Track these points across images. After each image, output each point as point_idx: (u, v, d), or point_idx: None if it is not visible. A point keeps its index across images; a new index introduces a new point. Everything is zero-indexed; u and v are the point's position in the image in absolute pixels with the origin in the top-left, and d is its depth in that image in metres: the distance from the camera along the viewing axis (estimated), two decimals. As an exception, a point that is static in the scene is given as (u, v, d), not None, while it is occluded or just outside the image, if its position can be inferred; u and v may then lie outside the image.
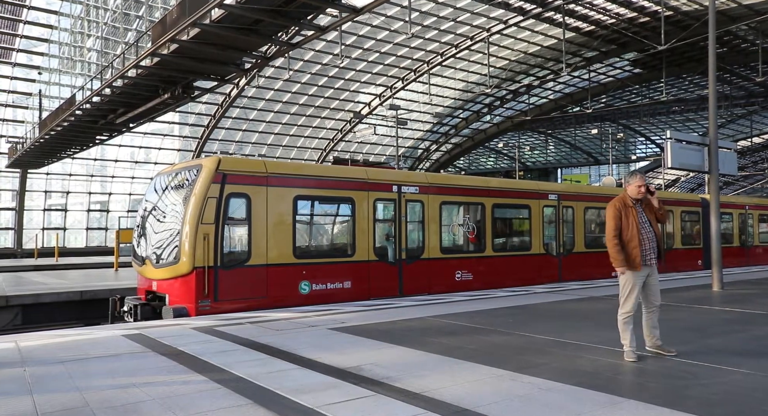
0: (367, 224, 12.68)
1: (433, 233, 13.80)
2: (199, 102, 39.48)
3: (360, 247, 12.54)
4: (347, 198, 12.55)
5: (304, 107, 44.49)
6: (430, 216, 13.75)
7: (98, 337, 8.06)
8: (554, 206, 16.74)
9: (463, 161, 71.21)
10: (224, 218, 10.73)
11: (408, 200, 13.44)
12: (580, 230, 17.40)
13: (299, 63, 37.40)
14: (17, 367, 6.21)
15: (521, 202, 16.06)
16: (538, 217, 16.18)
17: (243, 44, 17.01)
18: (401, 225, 13.22)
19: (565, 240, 16.96)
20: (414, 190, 13.56)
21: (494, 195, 15.37)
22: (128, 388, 5.32)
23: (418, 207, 13.66)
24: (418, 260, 13.45)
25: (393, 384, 5.36)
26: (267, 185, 11.37)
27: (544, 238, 16.35)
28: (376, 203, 12.94)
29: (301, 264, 11.67)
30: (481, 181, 17.36)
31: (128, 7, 26.39)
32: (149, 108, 23.03)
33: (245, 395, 5.04)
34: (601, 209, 18.60)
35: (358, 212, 12.59)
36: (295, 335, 8.02)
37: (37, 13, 27.71)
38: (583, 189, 18.63)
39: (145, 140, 42.83)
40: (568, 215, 17.12)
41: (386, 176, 13.45)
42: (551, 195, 16.73)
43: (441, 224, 14.00)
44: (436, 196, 13.95)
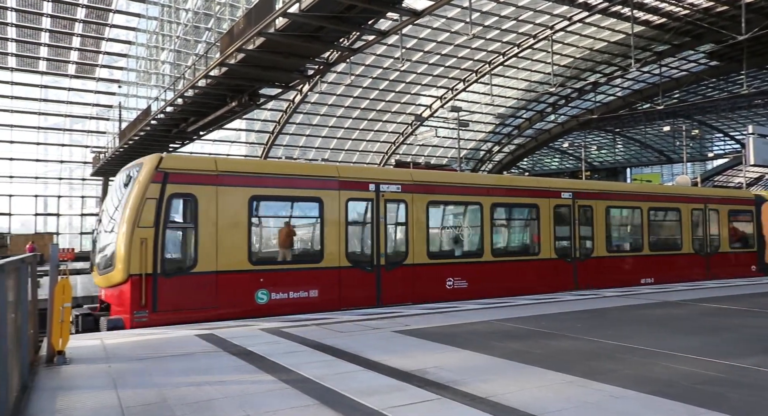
0: (338, 226, 11.62)
1: (419, 237, 12.59)
2: (265, 109, 40.62)
3: (329, 252, 11.47)
4: (314, 198, 11.54)
5: (366, 111, 44.93)
6: (415, 217, 12.59)
7: (173, 336, 8.43)
8: (568, 206, 15.13)
9: (527, 162, 69.79)
10: (165, 221, 9.91)
11: (388, 200, 12.29)
12: (601, 232, 15.68)
13: (360, 68, 37.83)
14: (103, 363, 6.60)
15: (527, 201, 14.56)
16: (547, 218, 14.64)
17: (306, 51, 17.41)
18: (380, 228, 12.06)
19: (581, 243, 15.29)
20: (395, 189, 12.39)
21: (494, 194, 13.92)
22: (202, 386, 5.54)
23: (401, 208, 12.52)
24: (400, 266, 12.28)
25: (458, 387, 5.31)
26: (217, 185, 10.46)
27: (554, 241, 14.77)
28: (349, 203, 11.84)
29: (259, 271, 10.66)
30: (477, 178, 16.01)
31: (198, 20, 27.55)
32: (218, 116, 23.95)
33: (312, 395, 5.14)
34: (628, 209, 16.82)
35: (327, 213, 11.55)
36: (359, 337, 8.09)
37: (118, 30, 29.44)
38: (604, 186, 16.94)
39: (214, 147, 44.54)
40: (585, 215, 15.47)
41: (361, 174, 12.39)
42: (564, 193, 15.11)
43: (428, 227, 12.79)
44: (422, 195, 12.75)
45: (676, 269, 17.29)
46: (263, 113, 42.90)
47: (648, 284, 16.20)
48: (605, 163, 71.62)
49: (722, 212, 18.83)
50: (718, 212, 18.72)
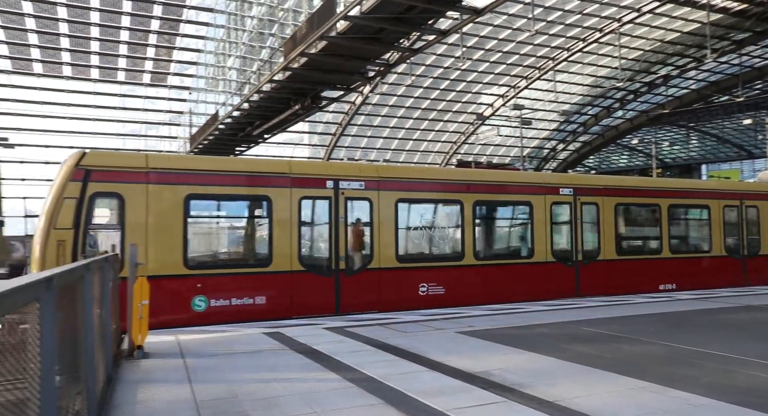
0: (290, 227, 10.68)
1: (387, 238, 11.53)
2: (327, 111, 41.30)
3: (279, 255, 10.52)
4: (261, 196, 10.72)
5: (427, 111, 44.83)
6: (381, 217, 11.53)
7: (242, 334, 8.71)
8: (569, 203, 13.72)
9: (593, 160, 67.54)
10: (87, 222, 9.20)
11: (349, 198, 11.31)
12: (609, 232, 14.11)
13: (421, 68, 37.78)
14: (178, 358, 6.92)
15: (517, 198, 13.27)
16: (543, 217, 13.29)
17: (366, 53, 17.58)
18: (339, 228, 11.13)
19: (585, 245, 13.78)
20: (357, 185, 11.39)
21: (477, 190, 12.63)
22: (270, 383, 5.70)
23: (364, 206, 11.51)
24: (363, 270, 11.28)
25: (524, 390, 5.22)
26: (148, 183, 9.71)
27: (551, 242, 13.34)
28: (303, 201, 10.90)
29: (196, 276, 9.82)
30: (457, 173, 14.38)
31: (263, 27, 28.35)
32: (282, 119, 24.57)
33: (376, 395, 5.18)
34: (643, 206, 15.23)
35: (277, 212, 10.65)
36: (423, 337, 8.09)
37: (188, 39, 30.78)
38: (612, 181, 15.28)
39: (278, 150, 45.69)
40: (589, 213, 13.98)
41: (318, 170, 11.50)
42: (564, 189, 13.65)
43: (398, 227, 11.69)
44: (390, 193, 11.69)
45: (704, 273, 15.47)
46: (325, 115, 43.62)
47: (668, 290, 14.47)
48: (678, 159, 68.28)
49: (764, 209, 16.68)
50: (758, 209, 16.58)
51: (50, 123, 32.36)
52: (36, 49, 27.83)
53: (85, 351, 4.04)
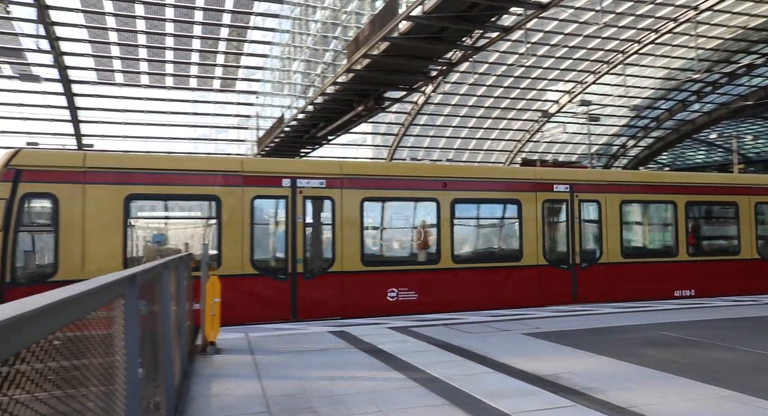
0: (241, 228, 10.19)
1: (351, 239, 10.84)
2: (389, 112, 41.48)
3: (229, 257, 10.04)
4: (209, 196, 10.19)
5: (490, 109, 44.21)
6: (344, 217, 10.87)
7: (309, 332, 8.90)
8: (565, 201, 12.61)
9: (667, 156, 64.46)
10: (17, 224, 8.87)
11: (308, 197, 10.71)
12: (613, 232, 12.89)
13: (484, 66, 37.29)
14: (248, 355, 7.16)
15: (502, 196, 12.29)
16: (533, 216, 12.27)
17: (429, 53, 17.53)
18: (296, 230, 10.53)
19: (583, 247, 12.65)
20: (318, 184, 10.75)
21: (455, 188, 11.76)
22: (337, 380, 5.80)
23: (326, 206, 10.91)
24: (324, 274, 10.67)
25: (595, 395, 5.06)
26: (85, 183, 9.31)
27: (544, 244, 12.28)
28: (256, 201, 10.42)
29: None
30: (431, 169, 13.31)
31: (326, 30, 28.83)
32: (345, 121, 24.89)
33: (442, 395, 5.17)
34: (654, 204, 13.92)
35: (227, 213, 10.17)
36: (488, 338, 8.00)
37: (255, 45, 31.71)
38: (617, 176, 13.87)
39: (342, 151, 46.31)
40: (588, 211, 12.88)
41: (273, 168, 10.88)
42: (558, 186, 12.60)
43: (363, 228, 11.00)
44: (355, 190, 10.97)
45: (731, 278, 13.88)
46: (388, 115, 43.83)
47: (686, 297, 13.13)
48: (763, 154, 64.05)
49: None
50: None
51: (129, 130, 34.25)
52: (117, 60, 29.49)
53: (164, 345, 4.25)
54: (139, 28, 27.41)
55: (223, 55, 31.39)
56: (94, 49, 28.34)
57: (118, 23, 26.63)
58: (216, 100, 36.77)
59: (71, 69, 28.53)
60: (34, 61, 27.62)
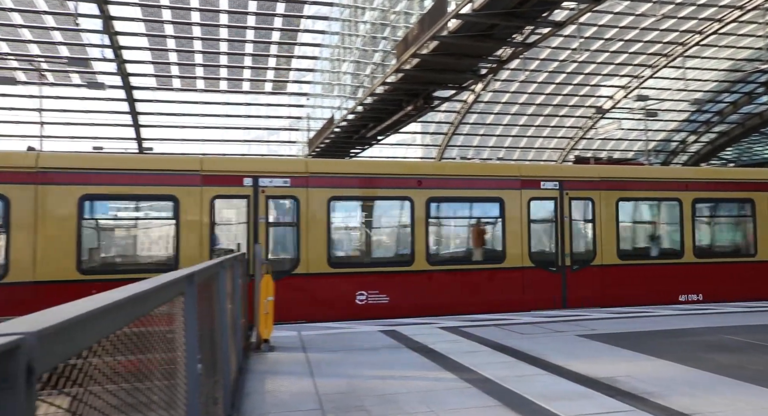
0: (200, 229, 10.01)
1: (317, 240, 10.52)
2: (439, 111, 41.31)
3: (186, 258, 9.84)
4: (166, 196, 10.01)
5: (542, 106, 43.36)
6: (310, 217, 10.59)
7: (360, 331, 8.98)
8: (553, 199, 11.93)
9: (731, 152, 61.48)
10: None
11: (271, 197, 10.48)
12: (609, 232, 12.12)
13: (535, 62, 36.60)
14: (300, 353, 7.29)
15: (483, 194, 11.68)
16: (517, 215, 11.60)
17: (478, 51, 17.36)
18: (258, 230, 10.34)
19: (574, 248, 11.93)
20: (282, 182, 10.47)
21: (432, 186, 11.25)
22: (387, 380, 5.83)
23: (290, 205, 10.66)
24: (288, 275, 10.39)
25: (654, 400, 4.89)
26: (38, 184, 9.30)
27: (529, 245, 11.63)
28: (216, 201, 10.21)
29: (91, 282, 9.11)
30: (405, 167, 12.79)
31: (375, 31, 28.98)
32: (395, 121, 24.95)
33: (494, 396, 5.12)
34: (656, 201, 12.95)
35: (185, 213, 9.97)
36: (541, 340, 7.86)
37: (305, 48, 32.25)
38: (613, 172, 12.83)
39: (392, 151, 46.43)
40: (580, 210, 12.17)
41: (234, 167, 10.65)
42: (546, 182, 11.88)
43: (330, 228, 10.69)
44: (321, 190, 10.65)
45: (747, 282, 12.84)
46: (437, 115, 43.65)
47: (692, 302, 12.28)
48: (838, 148, 60.19)
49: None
50: None
51: (186, 133, 35.44)
52: (175, 66, 30.57)
53: (220, 342, 4.38)
54: (195, 34, 28.32)
55: (274, 58, 32.04)
56: (153, 56, 29.49)
57: (175, 31, 27.61)
58: (268, 102, 37.57)
59: (132, 76, 29.77)
60: (100, 70, 28.97)
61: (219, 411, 4.05)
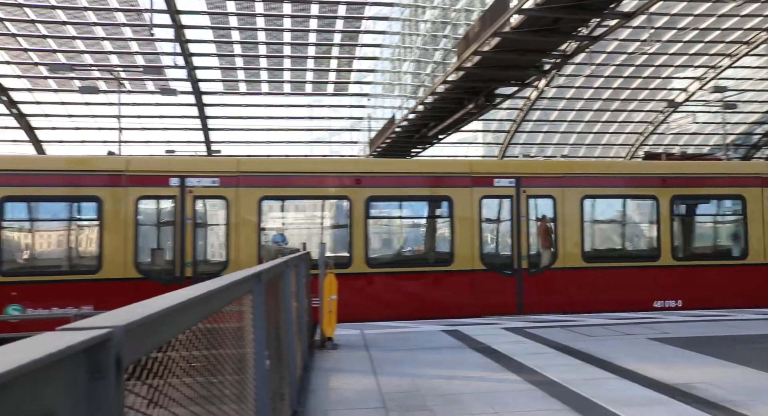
0: (125, 230, 9.83)
1: (247, 242, 10.24)
2: (501, 108, 40.67)
3: (111, 260, 9.68)
4: (89, 197, 9.90)
5: (609, 101, 41.86)
6: (241, 218, 10.30)
7: (422, 330, 8.98)
8: (509, 197, 11.20)
9: (821, 145, 57.13)
10: None
11: (199, 197, 10.26)
12: (572, 232, 11.28)
13: (601, 56, 35.38)
14: (363, 351, 7.37)
15: (428, 192, 11.17)
16: (467, 214, 10.94)
17: (542, 46, 16.97)
18: (185, 231, 10.09)
19: (532, 249, 11.23)
20: (210, 182, 10.20)
21: (371, 184, 10.69)
22: (451, 379, 5.80)
23: (220, 206, 10.45)
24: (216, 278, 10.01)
25: (737, 409, 4.63)
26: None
27: (482, 246, 10.99)
28: (141, 202, 10.04)
29: (9, 283, 9.19)
30: (342, 164, 12.22)
31: (436, 29, 28.88)
32: (456, 119, 24.77)
33: (561, 399, 4.99)
34: (629, 199, 12.02)
35: (109, 214, 9.84)
36: (610, 342, 7.60)
37: (366, 48, 32.56)
38: (577, 167, 12.16)
39: (453, 150, 46.11)
40: (539, 208, 11.42)
41: (160, 167, 10.40)
42: (500, 179, 11.13)
43: (261, 229, 10.43)
44: (253, 189, 10.36)
45: (736, 287, 11.66)
46: (499, 112, 42.95)
47: (670, 308, 11.24)
48: None
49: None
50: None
51: (252, 135, 36.55)
52: (241, 71, 31.60)
53: (286, 339, 4.50)
54: (260, 39, 29.17)
55: (336, 60, 32.54)
56: (221, 62, 30.61)
57: (241, 36, 28.55)
58: (330, 103, 38.19)
59: (201, 81, 31.01)
60: (172, 77, 30.38)
61: (286, 406, 4.16)
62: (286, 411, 4.18)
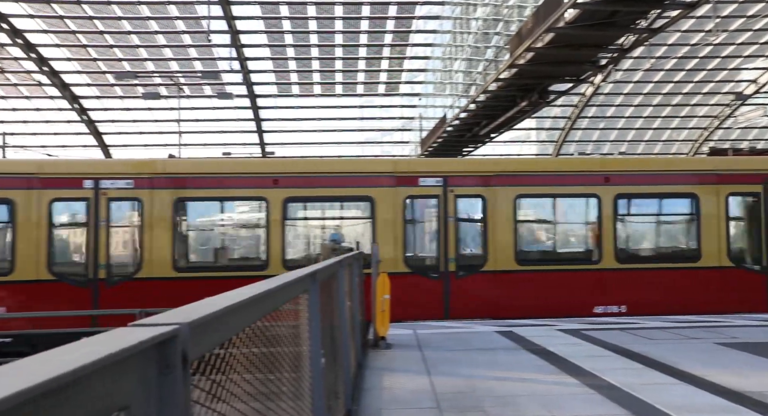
0: (37, 232, 9.84)
1: (161, 243, 10.17)
2: (555, 105, 39.75)
3: (23, 262, 9.69)
4: (2, 200, 9.97)
5: (670, 95, 40.22)
6: (155, 219, 10.22)
7: (476, 331, 8.90)
8: (435, 197, 10.77)
9: None
10: None
11: (113, 199, 10.21)
12: (504, 233, 10.68)
13: (661, 49, 34.04)
14: (417, 351, 7.37)
15: (351, 193, 10.88)
16: (390, 216, 10.58)
17: (598, 40, 16.50)
18: (99, 233, 10.00)
19: (460, 251, 10.76)
20: (125, 184, 10.18)
21: (289, 185, 10.56)
22: (505, 381, 5.73)
23: (134, 207, 10.38)
24: (129, 280, 10.11)
25: (812, 420, 4.36)
26: None
27: (405, 248, 10.61)
28: (54, 204, 10.05)
29: None
30: (261, 165, 12.08)
31: (488, 27, 28.55)
32: (508, 117, 24.41)
33: (621, 404, 4.84)
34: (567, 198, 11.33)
35: (22, 217, 9.87)
36: (673, 346, 7.30)
37: (417, 48, 32.56)
38: (514, 166, 11.65)
39: (506, 148, 45.42)
40: (468, 209, 10.98)
41: (74, 169, 10.42)
42: (426, 179, 10.75)
43: (177, 230, 10.37)
44: (170, 190, 10.32)
45: (687, 292, 10.81)
46: (553, 109, 41.99)
47: (612, 314, 10.50)
48: None
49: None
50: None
51: (304, 137, 37.21)
52: (294, 73, 32.20)
53: (341, 338, 4.55)
54: (312, 42, 29.63)
55: (387, 60, 32.66)
56: (274, 65, 31.28)
57: (294, 40, 29.09)
58: (381, 104, 38.38)
59: (256, 85, 31.76)
60: (228, 81, 31.29)
61: (340, 404, 4.21)
62: (341, 409, 4.23)
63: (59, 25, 26.58)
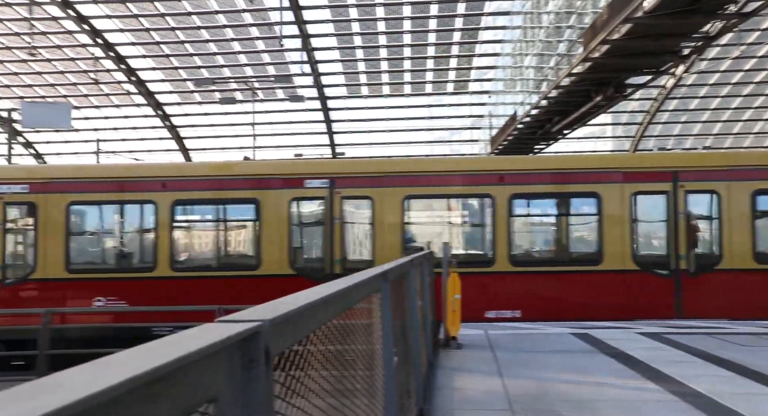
0: None
1: (53, 246, 10.43)
2: (632, 100, 38.04)
3: None
4: None
5: (762, 85, 37.55)
6: (48, 223, 10.51)
7: (550, 332, 8.68)
8: (321, 199, 10.65)
9: None
10: None
11: (9, 204, 10.66)
12: (393, 237, 10.48)
13: (753, 34, 31.81)
14: (488, 351, 7.28)
15: (236, 195, 10.98)
16: (275, 218, 10.59)
17: (680, 29, 15.63)
18: None
19: (348, 253, 10.75)
20: (19, 189, 10.57)
21: (174, 188, 10.67)
22: (581, 385, 5.55)
23: (27, 212, 10.75)
24: (25, 281, 10.56)
25: None
26: None
27: (291, 250, 10.59)
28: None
29: None
30: (147, 169, 12.42)
31: (559, 20, 27.75)
32: (582, 113, 23.61)
33: (710, 414, 4.57)
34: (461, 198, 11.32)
35: None
36: (766, 353, 6.82)
37: (486, 45, 32.08)
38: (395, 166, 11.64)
39: (579, 145, 43.92)
40: (356, 212, 10.98)
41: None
42: (312, 180, 10.64)
43: (68, 234, 10.60)
44: (61, 195, 10.57)
45: (586, 296, 10.21)
46: (629, 104, 40.19)
47: (504, 319, 9.96)
48: None
49: (729, 196, 10.26)
50: (715, 195, 10.34)
51: (374, 137, 37.58)
52: (363, 74, 32.59)
53: (412, 337, 4.56)
54: (381, 42, 29.86)
55: (455, 58, 32.40)
56: (344, 67, 31.77)
57: (363, 41, 29.43)
58: (450, 102, 38.12)
59: (326, 87, 32.38)
60: (299, 84, 32.10)
61: (412, 403, 4.22)
62: (413, 408, 4.24)
63: (145, 36, 28.23)
